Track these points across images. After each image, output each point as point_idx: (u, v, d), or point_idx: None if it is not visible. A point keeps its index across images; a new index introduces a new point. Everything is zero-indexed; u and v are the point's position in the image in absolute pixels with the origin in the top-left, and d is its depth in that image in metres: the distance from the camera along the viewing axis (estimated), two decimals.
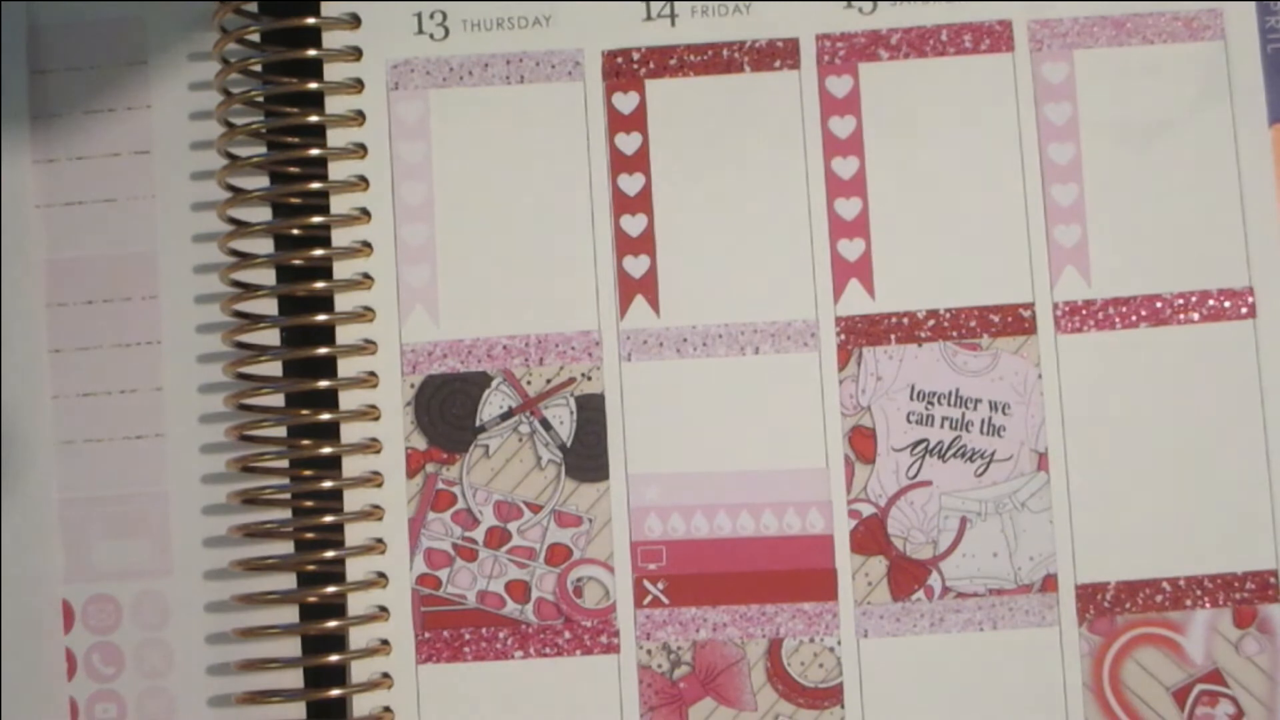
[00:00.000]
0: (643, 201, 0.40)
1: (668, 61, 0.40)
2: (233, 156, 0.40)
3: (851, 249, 0.40)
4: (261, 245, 0.40)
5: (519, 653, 0.39)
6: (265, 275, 0.40)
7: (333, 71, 0.40)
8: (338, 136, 0.40)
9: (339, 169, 0.40)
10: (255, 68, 0.40)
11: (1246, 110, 0.39)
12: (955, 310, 0.39)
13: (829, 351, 0.39)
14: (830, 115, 0.40)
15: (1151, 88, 0.40)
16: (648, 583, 0.39)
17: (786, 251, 0.40)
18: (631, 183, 0.40)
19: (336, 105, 0.40)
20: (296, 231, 0.40)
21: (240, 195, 0.40)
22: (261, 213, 0.40)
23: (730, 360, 0.39)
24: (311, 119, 0.40)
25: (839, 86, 0.40)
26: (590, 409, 0.39)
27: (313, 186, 0.40)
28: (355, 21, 0.40)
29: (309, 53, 0.40)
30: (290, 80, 0.40)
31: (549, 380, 0.40)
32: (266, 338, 0.40)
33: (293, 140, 0.40)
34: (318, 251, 0.40)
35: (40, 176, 0.41)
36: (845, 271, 0.40)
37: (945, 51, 0.40)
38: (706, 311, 0.39)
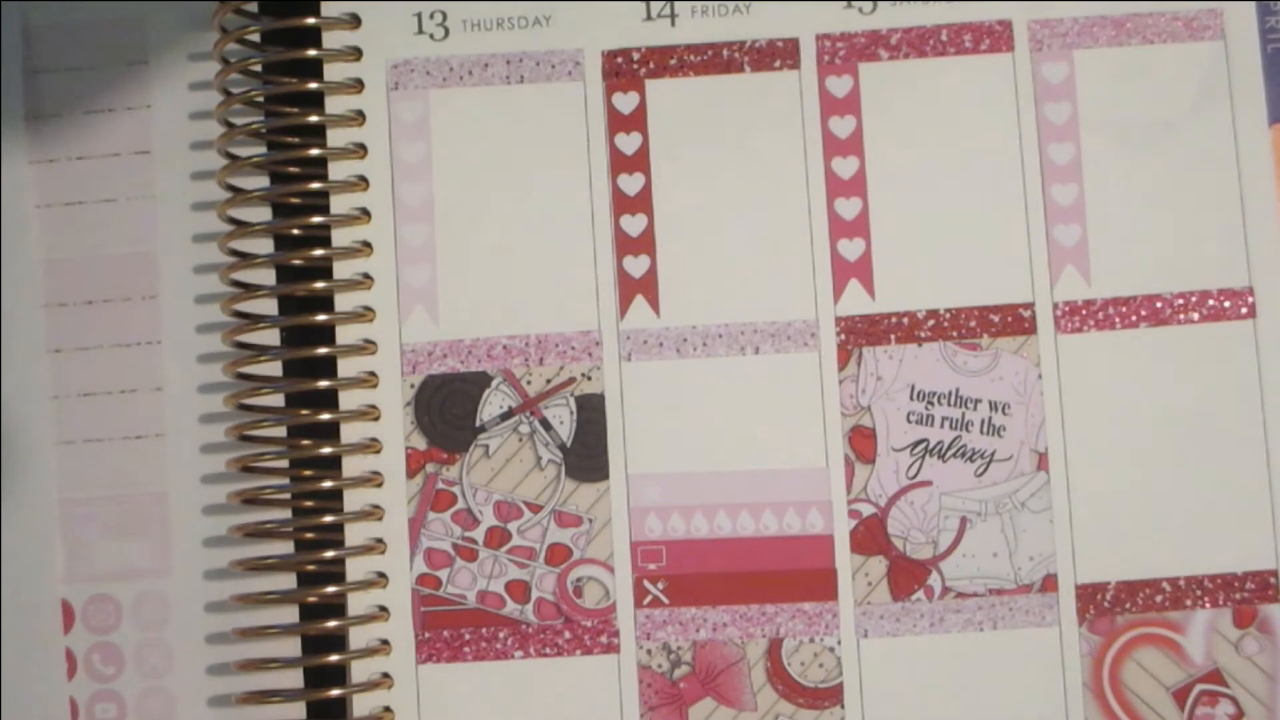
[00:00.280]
0: (643, 201, 0.40)
1: (668, 61, 0.40)
2: (233, 156, 0.40)
3: (851, 249, 0.40)
4: (261, 245, 0.40)
5: (519, 653, 0.39)
6: (265, 275, 0.40)
7: (333, 71, 0.40)
8: (338, 136, 0.40)
9: (339, 169, 0.40)
10: (255, 68, 0.40)
11: (1246, 110, 0.39)
12: (955, 310, 0.39)
13: (829, 351, 0.39)
14: (830, 115, 0.40)
15: (1151, 88, 0.40)
16: (648, 583, 0.39)
17: (786, 251, 0.40)
18: (631, 183, 0.40)
19: (336, 105, 0.40)
20: (296, 231, 0.40)
21: (240, 195, 0.40)
22: (261, 213, 0.40)
23: (730, 360, 0.39)
24: (311, 119, 0.40)
25: (839, 86, 0.40)
26: (590, 409, 0.39)
27: (313, 186, 0.40)
28: (355, 21, 0.40)
29: (309, 53, 0.40)
30: (290, 80, 0.40)
31: (549, 380, 0.40)
32: (266, 338, 0.40)
33: (293, 140, 0.40)
34: (318, 251, 0.40)
35: (40, 176, 0.41)
36: (845, 271, 0.40)
37: (945, 51, 0.40)
38: (706, 311, 0.39)
